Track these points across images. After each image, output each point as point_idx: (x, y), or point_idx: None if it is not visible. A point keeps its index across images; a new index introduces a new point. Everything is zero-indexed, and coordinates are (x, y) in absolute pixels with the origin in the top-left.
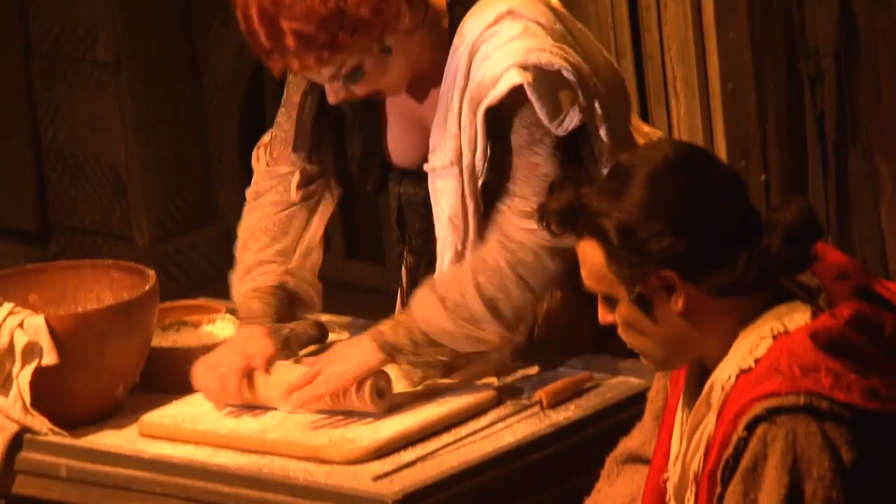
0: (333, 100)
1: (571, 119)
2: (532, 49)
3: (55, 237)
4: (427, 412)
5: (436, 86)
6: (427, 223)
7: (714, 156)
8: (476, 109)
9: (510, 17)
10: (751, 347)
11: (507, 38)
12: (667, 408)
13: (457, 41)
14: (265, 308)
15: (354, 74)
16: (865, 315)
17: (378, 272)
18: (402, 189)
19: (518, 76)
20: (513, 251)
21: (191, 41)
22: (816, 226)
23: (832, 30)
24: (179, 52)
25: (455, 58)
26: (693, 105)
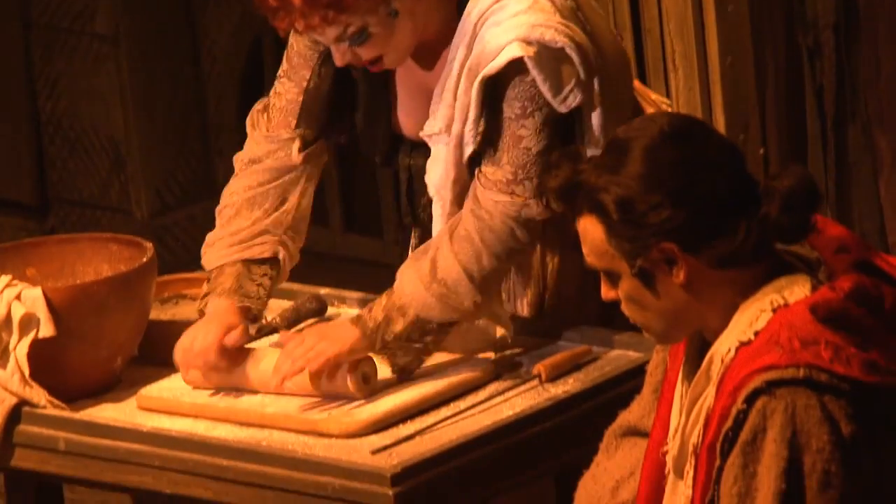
0: (340, 62)
1: (575, 96)
2: (537, 24)
3: (54, 210)
4: (426, 386)
5: (445, 58)
6: None
7: (711, 127)
8: (473, 79)
9: None
10: (750, 320)
11: (514, 13)
12: (666, 381)
13: (466, 11)
14: (257, 290)
15: (360, 36)
16: (865, 288)
17: (377, 246)
18: (413, 161)
19: (519, 49)
20: (483, 220)
21: (190, 14)
22: (815, 193)
23: (831, 3)
24: (178, 26)
25: (463, 29)
26: (692, 79)
